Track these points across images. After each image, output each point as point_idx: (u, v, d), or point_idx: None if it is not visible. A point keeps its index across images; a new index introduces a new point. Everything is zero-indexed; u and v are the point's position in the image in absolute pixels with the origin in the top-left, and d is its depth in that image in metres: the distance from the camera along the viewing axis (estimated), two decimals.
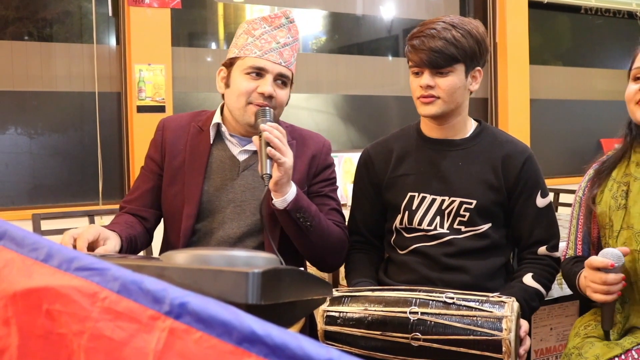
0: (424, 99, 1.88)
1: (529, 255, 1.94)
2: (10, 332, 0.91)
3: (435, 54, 1.83)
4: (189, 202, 1.89)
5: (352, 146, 4.49)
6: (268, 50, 1.85)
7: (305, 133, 2.02)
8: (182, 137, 1.96)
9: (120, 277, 0.83)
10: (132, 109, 3.83)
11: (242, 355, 0.70)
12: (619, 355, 1.70)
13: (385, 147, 2.04)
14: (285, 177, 1.74)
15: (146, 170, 2.01)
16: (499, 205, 1.91)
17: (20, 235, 0.96)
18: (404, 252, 1.95)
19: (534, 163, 1.95)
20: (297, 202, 1.77)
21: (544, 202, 1.94)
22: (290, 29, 1.92)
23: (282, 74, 1.87)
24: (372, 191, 2.03)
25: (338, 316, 1.70)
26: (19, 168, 3.73)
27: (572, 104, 5.71)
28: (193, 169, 1.91)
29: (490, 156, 1.93)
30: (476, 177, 1.91)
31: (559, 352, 2.59)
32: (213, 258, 1.09)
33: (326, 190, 1.98)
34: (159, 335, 0.77)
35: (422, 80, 1.86)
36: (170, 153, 1.95)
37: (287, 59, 1.88)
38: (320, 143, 2.01)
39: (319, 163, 1.98)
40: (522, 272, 1.91)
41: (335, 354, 0.63)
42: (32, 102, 3.79)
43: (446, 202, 1.90)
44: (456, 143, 1.96)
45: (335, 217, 1.97)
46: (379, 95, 4.81)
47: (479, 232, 1.89)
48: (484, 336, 1.59)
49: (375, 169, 2.02)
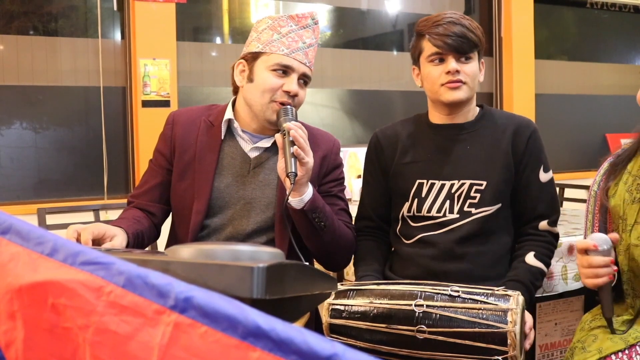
0: (452, 84, 1.89)
1: (531, 230, 1.96)
2: (16, 325, 0.91)
3: (461, 39, 1.87)
4: (199, 198, 1.89)
5: (357, 141, 4.48)
6: (295, 49, 1.86)
7: (315, 132, 2.02)
8: (193, 132, 1.95)
9: (125, 272, 0.83)
10: (137, 103, 3.83)
11: (247, 349, 0.70)
12: (622, 350, 1.70)
13: (393, 132, 2.05)
14: (306, 176, 1.75)
15: (155, 164, 2.00)
16: (508, 183, 1.93)
17: (26, 230, 0.96)
18: (409, 242, 1.95)
19: (538, 137, 1.98)
20: (314, 202, 1.79)
21: (546, 177, 1.96)
22: (315, 30, 1.93)
23: (306, 74, 1.89)
24: (380, 175, 2.04)
25: (343, 309, 1.70)
26: (24, 162, 3.74)
27: (577, 98, 5.69)
28: (203, 164, 1.91)
29: (498, 135, 1.95)
30: (485, 158, 1.92)
31: (564, 347, 2.58)
32: (218, 252, 1.09)
33: (335, 191, 1.99)
34: (164, 330, 0.77)
35: (450, 65, 1.88)
36: (181, 148, 1.94)
37: (310, 60, 1.90)
38: (330, 142, 2.02)
39: (329, 163, 1.99)
40: (524, 251, 1.92)
41: (340, 348, 0.63)
42: (37, 97, 3.79)
43: (456, 185, 1.91)
44: (462, 126, 1.97)
45: (344, 218, 1.98)
46: (384, 90, 4.80)
47: (489, 213, 1.90)
48: (490, 329, 1.59)
49: (384, 153, 2.04)
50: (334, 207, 1.95)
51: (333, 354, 0.63)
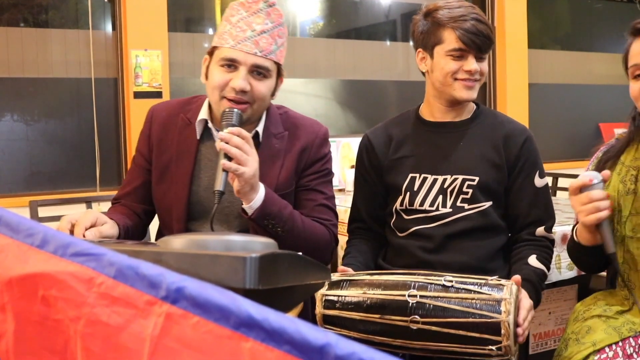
0: (468, 82, 1.89)
1: (527, 236, 1.94)
2: (7, 318, 0.90)
3: (486, 39, 1.87)
4: (177, 204, 1.81)
5: (350, 131, 4.47)
6: (242, 40, 1.71)
7: (299, 122, 1.91)
8: (171, 130, 1.87)
9: (116, 263, 0.83)
10: (129, 95, 3.82)
11: (239, 339, 0.69)
12: (616, 343, 1.70)
13: (385, 131, 2.04)
14: (247, 186, 1.62)
15: (136, 164, 1.93)
16: (500, 183, 1.92)
17: (16, 221, 0.96)
18: (403, 235, 1.95)
19: (533, 143, 1.97)
20: (264, 209, 1.67)
21: (541, 182, 1.96)
22: (270, 13, 1.75)
23: (257, 65, 1.72)
24: (373, 176, 2.03)
25: (337, 300, 1.70)
26: (15, 155, 3.72)
27: (570, 88, 5.69)
28: (180, 167, 1.82)
29: (491, 135, 1.94)
30: (478, 155, 1.92)
31: (557, 336, 2.59)
32: (210, 243, 1.08)
33: (314, 184, 1.87)
34: (156, 321, 0.77)
35: (471, 65, 1.87)
36: (159, 148, 1.87)
37: (264, 48, 1.72)
38: (313, 134, 1.89)
39: (310, 156, 1.87)
40: (526, 254, 1.91)
41: (333, 338, 0.63)
42: (29, 89, 3.77)
43: (448, 180, 1.91)
44: (456, 124, 1.97)
45: (321, 214, 1.86)
46: (376, 80, 4.79)
47: (481, 209, 1.90)
48: (483, 319, 1.58)
49: (375, 152, 2.02)
50: (311, 203, 1.86)
51: (326, 344, 0.63)
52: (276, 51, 1.75)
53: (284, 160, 1.83)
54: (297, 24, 4.54)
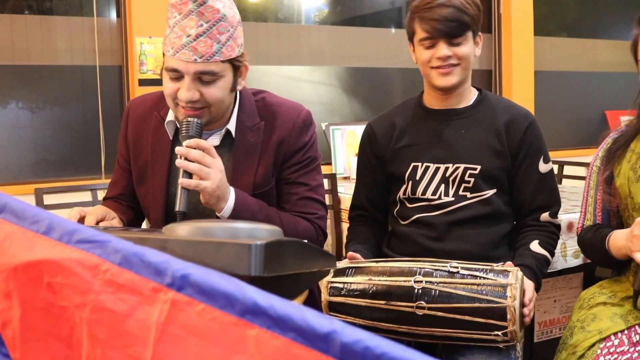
0: (444, 70, 1.87)
1: (532, 221, 1.94)
2: (12, 305, 0.91)
3: (451, 22, 1.82)
4: (154, 208, 1.78)
5: (356, 118, 4.46)
6: (179, 48, 1.59)
7: (275, 108, 1.79)
8: (145, 130, 1.81)
9: (121, 250, 0.83)
10: (134, 82, 3.81)
11: (244, 326, 0.69)
12: (622, 331, 1.70)
13: (387, 120, 2.04)
14: (213, 198, 1.57)
15: (119, 166, 1.91)
16: (503, 170, 1.91)
17: (21, 208, 0.96)
18: (405, 223, 1.95)
19: (537, 128, 1.95)
20: (236, 217, 1.62)
21: (546, 168, 1.94)
22: (203, 13, 1.59)
23: (200, 71, 1.60)
24: (375, 165, 2.03)
25: (342, 287, 1.70)
26: (20, 143, 3.72)
27: (576, 75, 5.66)
28: (156, 171, 1.77)
29: (493, 122, 1.93)
30: (480, 143, 1.91)
31: (563, 324, 2.59)
32: (216, 230, 1.08)
33: (295, 177, 1.78)
34: (161, 308, 0.77)
35: (440, 52, 1.85)
36: (135, 150, 1.82)
37: (204, 52, 1.59)
38: (290, 122, 1.77)
39: (288, 148, 1.76)
40: (528, 239, 1.90)
41: (339, 325, 0.63)
42: (33, 76, 3.76)
43: (450, 169, 1.90)
44: (458, 112, 1.95)
45: (305, 208, 1.78)
46: (382, 68, 4.77)
47: (484, 198, 1.89)
48: (489, 304, 1.59)
49: (378, 142, 2.01)
50: (293, 197, 1.78)
51: (331, 331, 0.63)
52: (221, 50, 1.61)
53: (260, 155, 1.75)
54: (302, 11, 4.52)
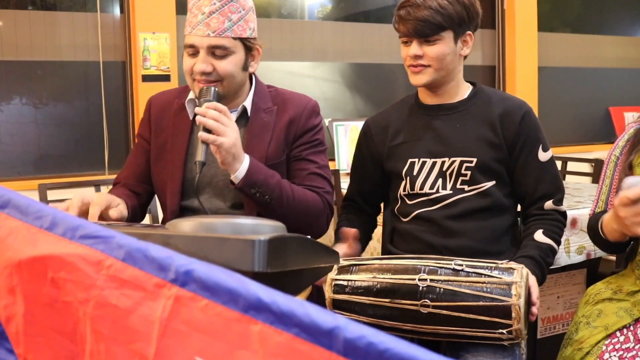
0: (414, 69, 1.91)
1: (536, 210, 1.94)
2: (16, 300, 0.91)
3: (421, 23, 1.85)
4: (172, 180, 1.89)
5: (359, 115, 4.46)
6: (195, 25, 1.79)
7: (288, 96, 1.96)
8: (167, 114, 1.95)
9: (125, 245, 0.83)
10: (137, 78, 3.81)
11: (248, 322, 0.69)
12: (627, 327, 1.69)
13: (384, 118, 2.06)
14: (229, 156, 1.69)
15: (137, 146, 2.02)
16: (500, 162, 1.91)
17: (25, 204, 0.96)
18: (407, 220, 1.95)
19: (532, 117, 1.94)
20: (249, 178, 1.73)
21: (546, 156, 1.94)
22: None
23: (213, 45, 1.78)
24: (370, 162, 2.05)
25: (346, 285, 1.70)
26: (24, 138, 3.73)
27: (580, 71, 5.64)
28: (176, 146, 1.90)
29: (487, 115, 1.93)
30: (474, 136, 1.91)
31: (566, 321, 2.59)
32: (219, 226, 1.08)
33: (305, 154, 1.91)
34: (165, 303, 0.77)
35: (410, 50, 1.89)
36: (156, 131, 1.95)
37: (216, 28, 1.77)
38: (301, 106, 1.93)
39: (299, 127, 1.91)
40: (532, 229, 1.90)
41: (342, 320, 0.62)
42: (37, 72, 3.76)
43: (446, 163, 1.91)
44: (452, 106, 1.96)
45: (314, 182, 1.90)
46: (385, 64, 4.76)
47: (482, 190, 1.89)
48: (494, 302, 1.58)
49: (374, 140, 2.04)
50: (303, 172, 1.90)
51: (335, 327, 0.63)
52: (232, 27, 1.79)
53: (273, 132, 1.88)
54: (305, 7, 4.51)
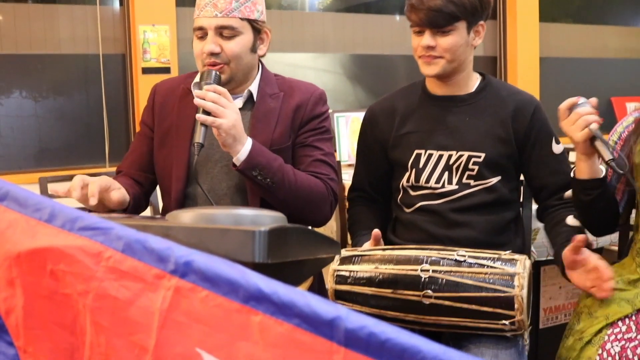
0: (426, 59, 1.88)
1: (556, 201, 1.92)
2: (16, 292, 0.90)
3: (435, 13, 1.81)
4: (177, 164, 1.88)
5: (360, 106, 4.44)
6: (203, 7, 1.82)
7: (294, 84, 1.96)
8: (172, 100, 1.95)
9: (124, 237, 0.82)
10: (137, 70, 3.80)
11: (248, 313, 0.69)
12: (629, 316, 1.69)
13: (390, 104, 2.03)
14: (229, 138, 1.70)
15: (140, 134, 2.01)
16: (509, 158, 1.90)
17: (23, 196, 0.95)
18: (409, 211, 1.94)
19: (542, 112, 1.95)
20: (251, 160, 1.73)
21: (559, 149, 1.95)
22: None
23: (221, 25, 1.80)
24: (376, 149, 2.02)
25: (348, 275, 1.70)
26: (24, 132, 3.72)
27: (582, 62, 5.62)
28: (181, 131, 1.89)
29: (499, 110, 1.92)
30: (484, 131, 1.90)
31: (568, 310, 2.58)
32: (219, 217, 1.08)
33: (310, 141, 1.91)
34: (165, 294, 0.76)
35: (423, 41, 1.86)
36: (160, 116, 1.95)
37: (223, 8, 1.80)
38: (308, 93, 1.93)
39: (305, 113, 1.91)
40: (562, 216, 1.88)
41: (343, 311, 0.62)
42: (36, 65, 3.75)
43: (454, 157, 1.89)
44: (462, 98, 1.94)
45: (318, 169, 1.89)
46: (386, 55, 4.74)
47: (488, 186, 1.89)
48: (496, 293, 1.58)
49: (379, 127, 2.01)
50: (307, 159, 1.89)
51: (336, 317, 0.62)
52: (239, 8, 1.82)
53: (278, 118, 1.88)
54: None
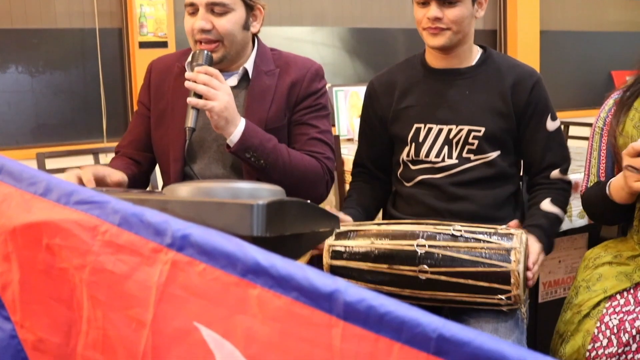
0: (432, 31, 1.85)
1: (542, 179, 1.93)
2: (12, 267, 0.90)
3: None
4: (174, 146, 1.86)
5: (359, 80, 4.42)
6: None
7: (291, 59, 1.93)
8: (167, 78, 1.92)
9: (120, 210, 0.81)
10: (134, 45, 3.77)
11: (246, 286, 0.68)
12: (627, 290, 1.69)
13: (390, 78, 2.01)
14: (222, 120, 1.67)
15: (138, 113, 1.99)
16: (508, 132, 1.89)
17: (18, 170, 0.94)
18: (409, 185, 1.94)
19: (542, 86, 1.93)
20: (244, 142, 1.71)
21: (554, 125, 1.93)
22: None
23: (212, 2, 1.77)
24: (377, 124, 2.01)
25: (344, 251, 1.69)
26: (21, 107, 3.70)
27: (583, 35, 5.59)
28: (176, 111, 1.87)
29: (499, 84, 1.90)
30: (484, 105, 1.89)
31: (567, 285, 2.59)
32: (217, 190, 1.07)
33: (306, 118, 1.89)
34: (162, 268, 0.76)
35: (430, 12, 1.83)
36: (156, 96, 1.93)
37: None
38: (304, 69, 1.90)
39: (301, 91, 1.88)
40: (539, 198, 1.89)
41: (342, 284, 0.61)
42: (32, 40, 3.72)
43: (453, 131, 1.88)
44: (462, 72, 1.92)
45: (314, 147, 1.87)
46: (385, 28, 4.71)
47: (488, 160, 1.88)
48: (493, 268, 1.57)
49: (379, 101, 2.00)
50: (303, 137, 1.87)
51: (335, 290, 0.62)
52: None
53: (274, 96, 1.86)
54: None
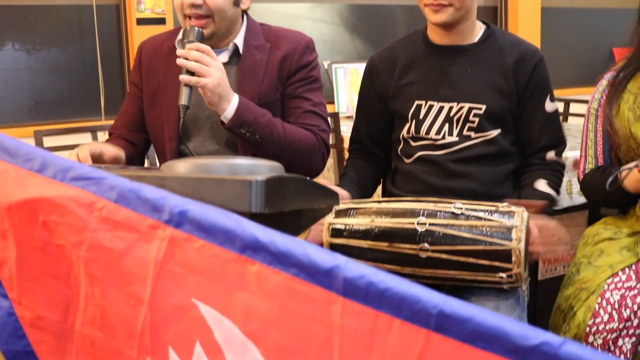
0: (434, 7, 1.83)
1: (537, 160, 1.92)
2: (8, 244, 0.89)
3: None
4: (168, 124, 1.86)
5: (359, 57, 4.39)
6: None
7: (281, 33, 1.93)
8: (158, 58, 1.92)
9: (117, 186, 0.80)
10: (132, 21, 3.74)
11: (245, 263, 0.68)
12: (629, 265, 1.69)
13: (391, 54, 1.99)
14: (215, 97, 1.68)
15: (130, 95, 1.99)
16: (509, 110, 1.89)
17: (14, 146, 0.93)
18: (409, 161, 1.93)
19: (544, 66, 1.92)
20: (238, 118, 1.71)
21: (552, 107, 1.92)
22: None
23: None
24: (376, 100, 2.00)
25: (344, 229, 1.68)
26: (18, 85, 3.68)
27: (584, 12, 5.54)
28: (168, 89, 1.86)
29: (501, 61, 1.89)
30: (485, 82, 1.87)
31: (567, 262, 2.59)
32: (215, 167, 1.06)
33: (300, 92, 1.89)
34: (159, 245, 0.75)
35: None
36: (147, 76, 1.93)
37: None
38: (295, 42, 1.90)
39: (292, 64, 1.88)
40: (534, 178, 1.89)
41: (342, 260, 0.61)
42: (29, 17, 3.69)
43: (454, 108, 1.87)
44: (464, 48, 1.91)
45: (308, 120, 1.88)
46: (385, 5, 4.67)
47: (488, 138, 1.87)
48: (494, 246, 1.57)
49: (380, 78, 1.98)
50: (297, 110, 1.88)
51: (334, 266, 0.61)
52: None
53: (266, 70, 1.86)
54: None
